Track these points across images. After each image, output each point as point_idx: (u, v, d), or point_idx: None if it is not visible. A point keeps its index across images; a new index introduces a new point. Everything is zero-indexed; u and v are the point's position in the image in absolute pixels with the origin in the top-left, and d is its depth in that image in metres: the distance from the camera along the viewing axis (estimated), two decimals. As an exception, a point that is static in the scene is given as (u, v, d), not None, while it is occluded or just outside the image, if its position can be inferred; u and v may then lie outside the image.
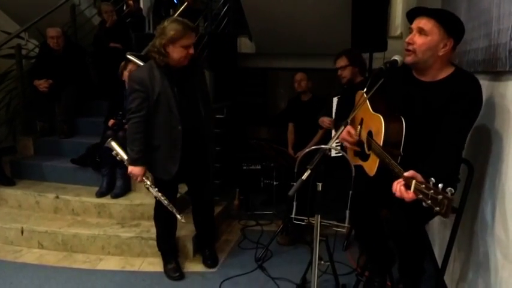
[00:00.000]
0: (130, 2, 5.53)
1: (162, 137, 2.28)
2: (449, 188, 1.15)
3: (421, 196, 1.24)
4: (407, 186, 1.34)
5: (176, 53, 2.17)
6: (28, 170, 3.56)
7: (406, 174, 1.36)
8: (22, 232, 2.91)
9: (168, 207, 2.32)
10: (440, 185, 1.18)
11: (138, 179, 2.31)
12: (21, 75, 3.90)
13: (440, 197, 1.16)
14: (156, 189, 2.32)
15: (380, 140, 1.65)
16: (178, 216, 2.34)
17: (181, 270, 2.57)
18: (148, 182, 2.33)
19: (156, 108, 2.24)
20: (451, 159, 1.61)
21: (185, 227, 2.74)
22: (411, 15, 1.71)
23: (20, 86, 3.92)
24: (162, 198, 2.31)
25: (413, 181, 1.29)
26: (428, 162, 1.55)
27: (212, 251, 2.75)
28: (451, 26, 1.62)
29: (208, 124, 2.47)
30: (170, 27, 2.15)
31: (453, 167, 1.69)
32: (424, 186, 1.24)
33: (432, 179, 1.22)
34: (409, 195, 1.32)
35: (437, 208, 1.17)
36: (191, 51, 2.20)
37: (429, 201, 1.20)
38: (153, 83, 2.22)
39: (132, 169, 2.31)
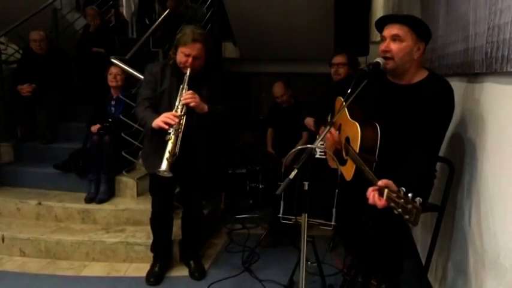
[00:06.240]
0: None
1: (158, 129, 2.19)
2: (418, 198, 1.20)
3: (392, 204, 1.28)
4: (380, 194, 1.37)
5: (179, 56, 2.26)
6: (8, 177, 3.47)
7: (380, 183, 1.40)
8: (3, 240, 2.84)
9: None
10: (410, 195, 1.22)
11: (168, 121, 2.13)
12: (1, 80, 3.82)
13: (409, 206, 1.20)
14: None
15: (356, 146, 1.70)
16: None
17: (158, 276, 2.55)
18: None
19: (159, 100, 2.35)
20: (424, 166, 1.66)
21: (173, 231, 2.72)
22: (380, 23, 1.77)
23: (0, 91, 3.83)
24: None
25: (386, 190, 1.32)
26: (402, 170, 1.58)
27: (198, 263, 2.70)
28: (422, 30, 1.70)
29: (200, 135, 2.43)
30: (182, 30, 2.28)
31: (426, 173, 1.74)
32: (395, 195, 1.27)
33: (403, 188, 1.26)
34: (382, 202, 1.36)
35: (407, 216, 1.21)
36: (190, 61, 2.21)
37: (400, 210, 1.24)
38: (163, 77, 2.34)
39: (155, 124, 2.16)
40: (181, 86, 2.22)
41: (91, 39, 4.61)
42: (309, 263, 1.98)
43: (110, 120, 3.26)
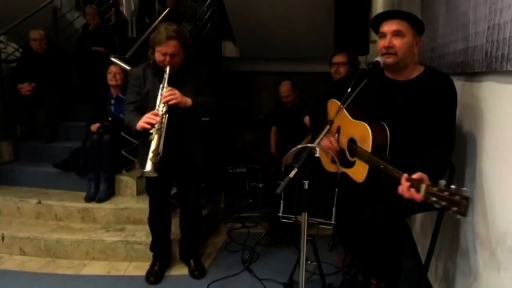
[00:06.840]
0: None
1: (142, 131, 2.16)
2: (465, 188, 1.20)
3: (434, 199, 1.27)
4: (416, 189, 1.37)
5: (156, 56, 2.23)
6: (8, 176, 3.48)
7: (414, 176, 1.41)
8: (3, 238, 2.84)
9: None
10: (453, 186, 1.22)
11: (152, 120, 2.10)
12: (1, 79, 3.82)
13: (457, 197, 1.20)
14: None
15: (368, 146, 1.69)
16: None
17: (158, 275, 2.55)
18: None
19: (145, 102, 2.32)
20: (449, 157, 1.68)
21: (172, 231, 2.72)
22: (378, 20, 1.77)
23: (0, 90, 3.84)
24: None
25: (424, 185, 1.32)
26: (429, 164, 1.57)
27: (198, 261, 2.70)
28: (419, 25, 1.73)
29: (191, 130, 2.42)
30: (156, 29, 2.23)
31: (449, 163, 1.75)
32: (436, 189, 1.27)
33: (443, 181, 1.26)
34: (419, 196, 1.36)
35: (455, 208, 1.20)
36: (168, 59, 2.19)
37: (444, 203, 1.23)
38: (145, 79, 2.32)
39: (139, 127, 2.14)
40: (161, 85, 2.20)
41: (91, 38, 4.61)
42: (308, 262, 1.98)
43: (110, 119, 3.26)
